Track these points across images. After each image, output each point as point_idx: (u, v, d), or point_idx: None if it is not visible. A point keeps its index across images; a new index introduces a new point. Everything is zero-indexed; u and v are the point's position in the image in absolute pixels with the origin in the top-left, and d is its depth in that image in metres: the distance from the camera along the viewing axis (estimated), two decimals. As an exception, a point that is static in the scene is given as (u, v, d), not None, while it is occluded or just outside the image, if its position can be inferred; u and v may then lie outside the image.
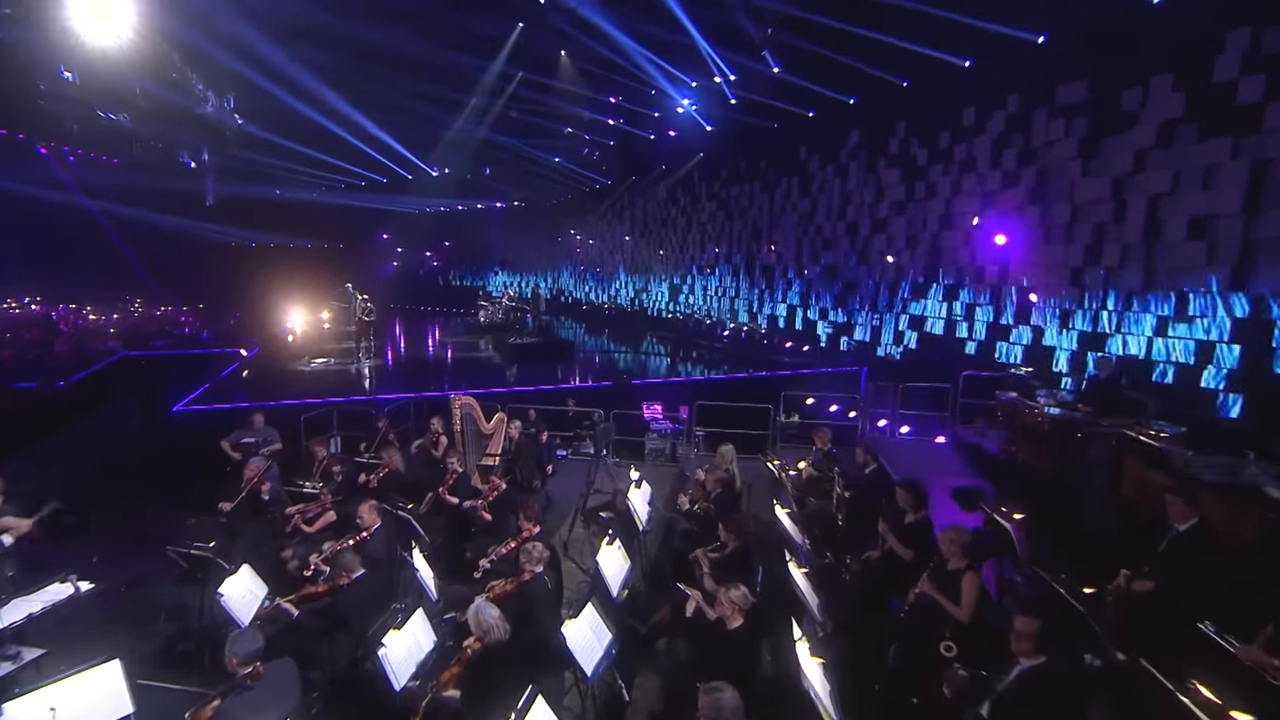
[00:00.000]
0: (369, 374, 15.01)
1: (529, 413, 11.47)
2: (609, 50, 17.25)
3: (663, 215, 24.71)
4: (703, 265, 22.50)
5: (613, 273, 28.84)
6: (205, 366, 14.23)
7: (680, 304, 24.00)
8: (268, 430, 7.87)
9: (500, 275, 37.59)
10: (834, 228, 16.64)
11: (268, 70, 17.68)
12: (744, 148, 19.59)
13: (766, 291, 19.47)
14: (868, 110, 14.98)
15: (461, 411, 7.50)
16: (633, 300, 27.38)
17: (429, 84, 18.85)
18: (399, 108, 19.47)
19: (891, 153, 14.64)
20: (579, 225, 31.58)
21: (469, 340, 22.05)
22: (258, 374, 14.85)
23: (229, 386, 12.73)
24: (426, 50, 17.61)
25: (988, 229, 12.33)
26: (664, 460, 11.24)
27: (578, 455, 11.01)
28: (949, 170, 13.18)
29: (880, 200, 15.06)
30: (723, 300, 21.55)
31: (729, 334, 19.70)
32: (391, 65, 17.71)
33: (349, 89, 18.27)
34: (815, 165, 17.08)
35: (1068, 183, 10.59)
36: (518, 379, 15.67)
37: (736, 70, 16.88)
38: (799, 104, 16.50)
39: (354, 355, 16.17)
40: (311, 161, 24.69)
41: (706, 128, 19.53)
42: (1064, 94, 10.69)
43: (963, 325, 13.10)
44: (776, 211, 18.90)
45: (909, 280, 14.38)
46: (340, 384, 13.59)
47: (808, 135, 17.11)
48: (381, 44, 16.79)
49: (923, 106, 13.65)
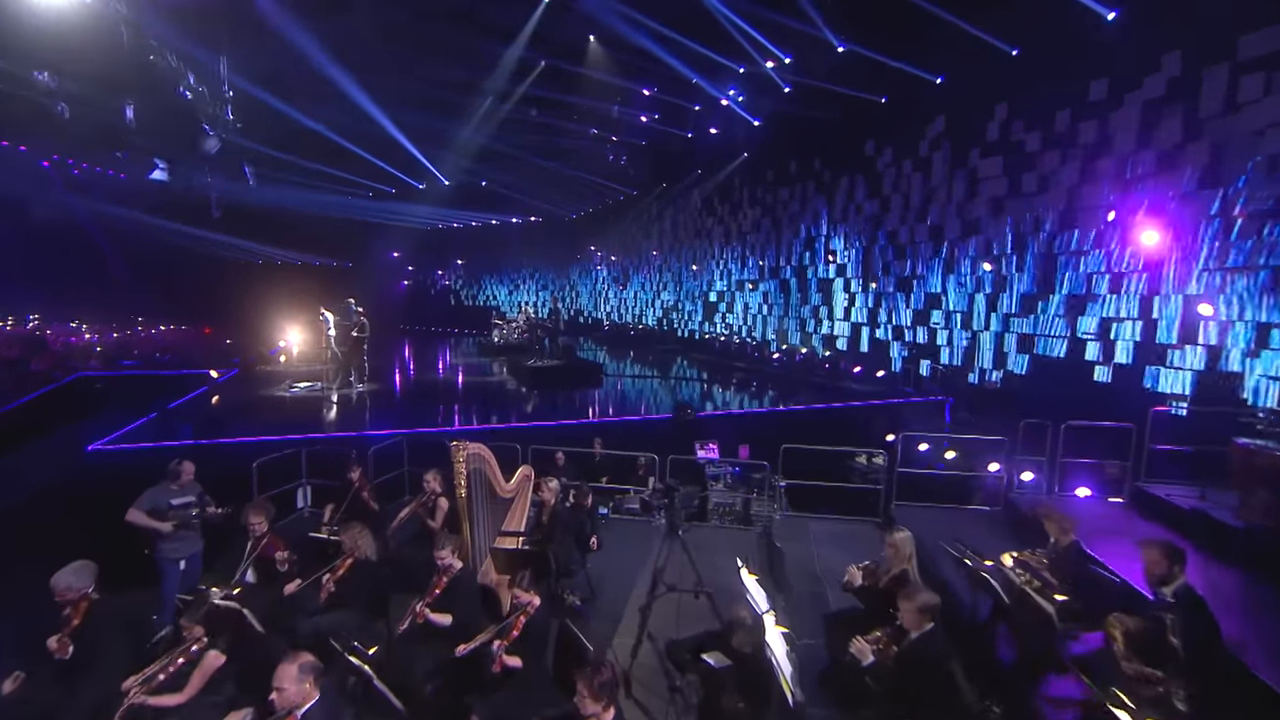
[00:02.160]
0: (358, 402, 12.58)
1: (556, 456, 9.02)
2: (644, 34, 15.12)
3: (697, 226, 22.38)
4: (744, 280, 20.06)
5: (639, 290, 26.50)
6: (166, 391, 11.96)
7: (717, 323, 21.52)
8: (192, 486, 5.41)
9: (518, 293, 35.40)
10: (911, 231, 14.16)
11: (264, 64, 15.77)
12: (796, 145, 17.25)
13: (824, 308, 16.96)
14: (957, 92, 12.60)
15: (468, 465, 4.96)
16: (661, 320, 24.96)
17: (438, 75, 16.75)
18: (406, 99, 17.38)
19: (989, 140, 12.20)
20: (601, 240, 29.37)
21: (480, 363, 19.66)
22: (230, 400, 12.51)
23: (181, 417, 10.36)
24: (435, 35, 15.57)
25: (1127, 224, 9.80)
26: (731, 519, 8.67)
27: (623, 514, 8.49)
28: (1071, 156, 10.70)
29: (973, 197, 12.59)
30: (768, 319, 19.05)
31: (780, 357, 17.12)
32: (395, 54, 15.65)
33: (352, 80, 16.21)
34: (886, 160, 14.67)
35: (1265, 157, 8.06)
36: (537, 410, 13.21)
37: (793, 52, 14.64)
38: (868, 88, 14.16)
39: (341, 379, 13.75)
40: (314, 171, 22.72)
41: (753, 123, 17.24)
42: (1250, 44, 8.22)
43: (1093, 345, 10.48)
44: (836, 217, 16.48)
45: (1015, 291, 11.82)
46: (321, 415, 11.18)
47: (877, 126, 14.75)
48: (383, 29, 14.78)
49: (1034, 81, 11.21)
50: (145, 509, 5.09)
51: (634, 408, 13.25)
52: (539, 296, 33.29)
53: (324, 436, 8.79)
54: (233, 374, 14.79)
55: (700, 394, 15.97)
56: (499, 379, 16.24)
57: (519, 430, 9.87)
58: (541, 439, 8.96)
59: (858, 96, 14.40)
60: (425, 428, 9.30)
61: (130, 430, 8.96)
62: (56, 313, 31.57)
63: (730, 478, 10.00)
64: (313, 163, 19.91)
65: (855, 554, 6.87)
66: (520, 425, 10.19)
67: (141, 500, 5.10)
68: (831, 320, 16.67)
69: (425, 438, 8.86)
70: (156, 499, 5.13)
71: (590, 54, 16.17)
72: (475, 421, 10.80)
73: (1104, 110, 10.16)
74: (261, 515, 4.75)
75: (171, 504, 5.20)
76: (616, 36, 15.21)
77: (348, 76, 15.83)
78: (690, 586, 5.21)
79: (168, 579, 5.12)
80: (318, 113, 17.45)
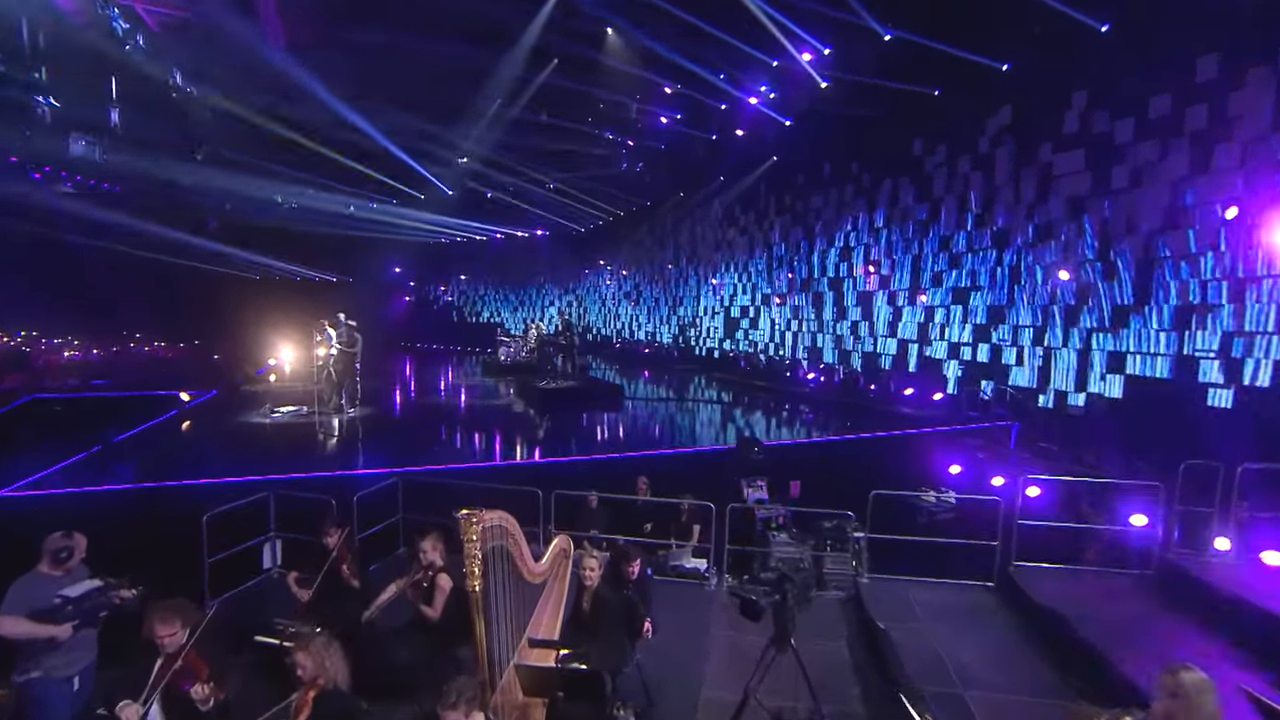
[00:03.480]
0: (348, 430, 10.98)
1: (589, 499, 7.46)
2: (667, 24, 13.82)
3: (717, 236, 20.98)
4: (772, 294, 18.58)
5: (652, 306, 25.04)
6: (131, 416, 10.38)
7: (740, 340, 20.00)
8: (81, 570, 3.77)
9: (523, 309, 33.98)
10: (968, 238, 12.70)
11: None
12: (832, 146, 15.87)
13: (864, 323, 15.44)
14: (1027, 79, 11.20)
15: (485, 543, 3.34)
16: (676, 337, 23.47)
17: (439, 69, 15.38)
18: (403, 99, 16.05)
19: (1066, 133, 10.76)
20: (611, 253, 28.01)
21: (486, 384, 18.11)
22: (199, 428, 10.94)
23: (130, 451, 8.76)
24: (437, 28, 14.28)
25: (1253, 222, 8.32)
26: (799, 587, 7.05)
27: (668, 573, 6.90)
28: (1174, 146, 9.25)
29: (1046, 197, 11.13)
30: (799, 335, 17.53)
31: (817, 377, 15.54)
32: (391, 51, 14.28)
33: (343, 77, 14.86)
34: (940, 159, 13.25)
35: None
36: (551, 438, 11.61)
37: (833, 43, 13.30)
38: (918, 80, 12.78)
39: (334, 401, 12.16)
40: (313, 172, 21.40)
41: (784, 123, 15.88)
42: None
43: (1210, 366, 8.93)
44: (878, 224, 15.04)
45: (1104, 302, 10.30)
46: (303, 447, 9.62)
47: (927, 122, 13.35)
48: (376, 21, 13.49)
49: (1121, 63, 9.80)
50: (25, 611, 3.47)
51: (670, 438, 11.66)
52: (545, 313, 31.87)
53: (302, 477, 7.23)
54: (210, 396, 13.23)
55: (736, 419, 14.41)
56: (507, 402, 14.66)
57: (535, 469, 8.29)
58: (564, 479, 7.40)
59: (906, 90, 13.00)
60: (425, 465, 7.74)
61: (56, 470, 7.37)
62: (50, 328, 30.46)
63: (783, 520, 8.43)
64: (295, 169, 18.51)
65: (985, 641, 5.29)
66: (538, 462, 8.60)
67: (10, 600, 3.47)
68: (874, 337, 15.14)
69: (423, 479, 7.28)
70: (36, 593, 3.52)
71: (608, 46, 14.85)
72: (484, 456, 9.24)
73: (1218, 91, 8.73)
74: (173, 624, 3.15)
75: (66, 596, 3.58)
76: (637, 27, 13.92)
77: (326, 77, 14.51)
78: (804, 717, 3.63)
79: (52, 709, 3.51)
80: (294, 112, 16.11)
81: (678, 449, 9.96)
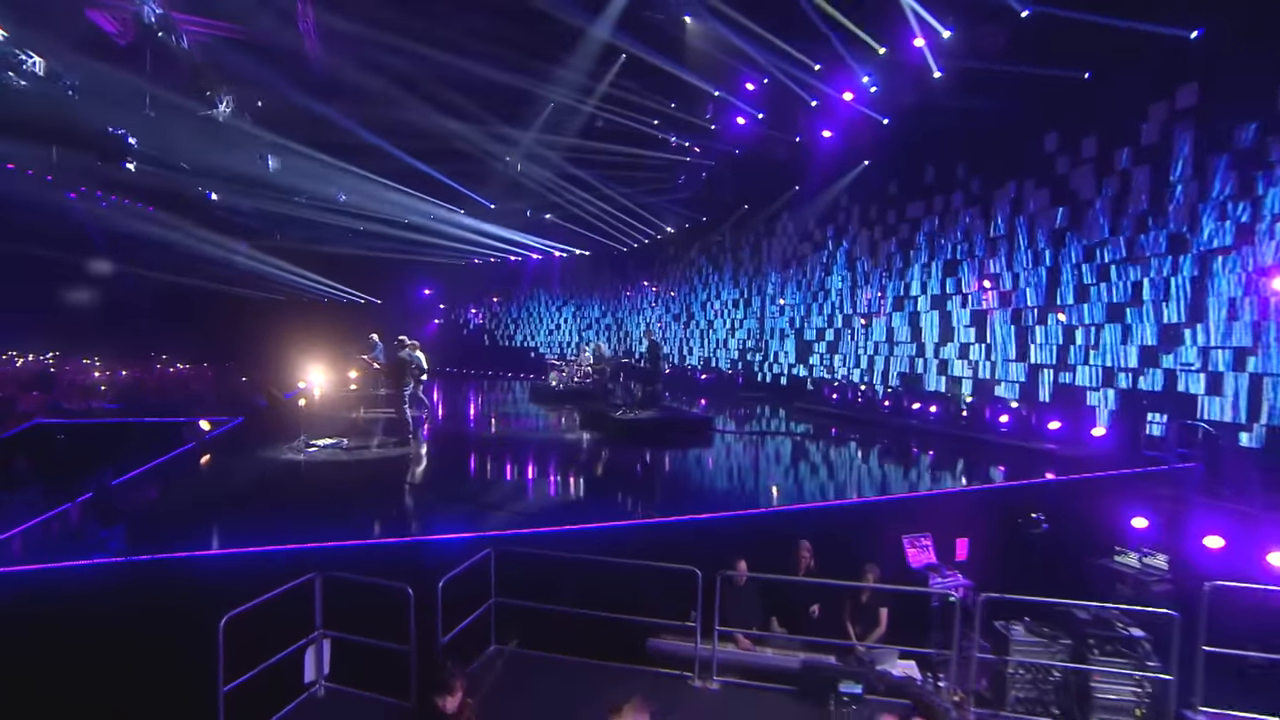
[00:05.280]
0: (401, 473, 8.96)
1: (737, 571, 5.48)
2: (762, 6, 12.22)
3: (788, 252, 19.12)
4: (857, 314, 16.59)
5: (705, 329, 23.14)
6: (132, 447, 8.54)
7: (815, 366, 17.97)
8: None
9: (558, 333, 32.28)
10: (1124, 246, 10.66)
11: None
12: (935, 147, 14.01)
13: (977, 345, 13.37)
14: (1222, 48, 9.25)
15: None
16: (735, 362, 21.48)
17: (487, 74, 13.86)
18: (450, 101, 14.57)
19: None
20: (658, 272, 26.28)
21: (539, 413, 16.15)
22: (218, 466, 9.02)
23: (127, 499, 6.85)
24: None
25: None
26: (1042, 710, 4.91)
27: (875, 690, 4.82)
28: None
29: (1248, 191, 9.09)
30: (892, 360, 15.46)
31: (938, 411, 13.31)
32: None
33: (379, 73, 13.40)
34: (1086, 153, 11.27)
35: None
36: (642, 482, 9.56)
37: (956, 23, 11.55)
38: (1062, 61, 10.91)
39: (371, 434, 10.20)
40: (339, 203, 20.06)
41: (881, 121, 14.08)
42: None
43: None
44: (995, 232, 13.07)
45: (1346, 318, 8.17)
46: (345, 496, 7.58)
47: (1069, 111, 11.42)
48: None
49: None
50: None
51: (794, 482, 9.53)
52: (580, 335, 30.10)
53: (358, 545, 5.27)
54: (235, 424, 11.45)
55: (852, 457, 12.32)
56: (577, 436, 12.60)
57: (649, 530, 6.26)
58: (672, 541, 5.42)
59: (1042, 76, 11.13)
60: (514, 528, 5.70)
61: (17, 533, 5.50)
62: (78, 347, 29.57)
63: (969, 596, 6.38)
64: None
65: None
66: (651, 521, 6.51)
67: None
68: (991, 362, 13.05)
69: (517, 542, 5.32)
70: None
71: (687, 35, 13.23)
72: (578, 508, 7.21)
73: None
74: None
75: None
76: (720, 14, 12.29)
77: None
78: None
79: None
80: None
81: (826, 501, 7.85)
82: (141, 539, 5.20)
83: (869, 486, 9.83)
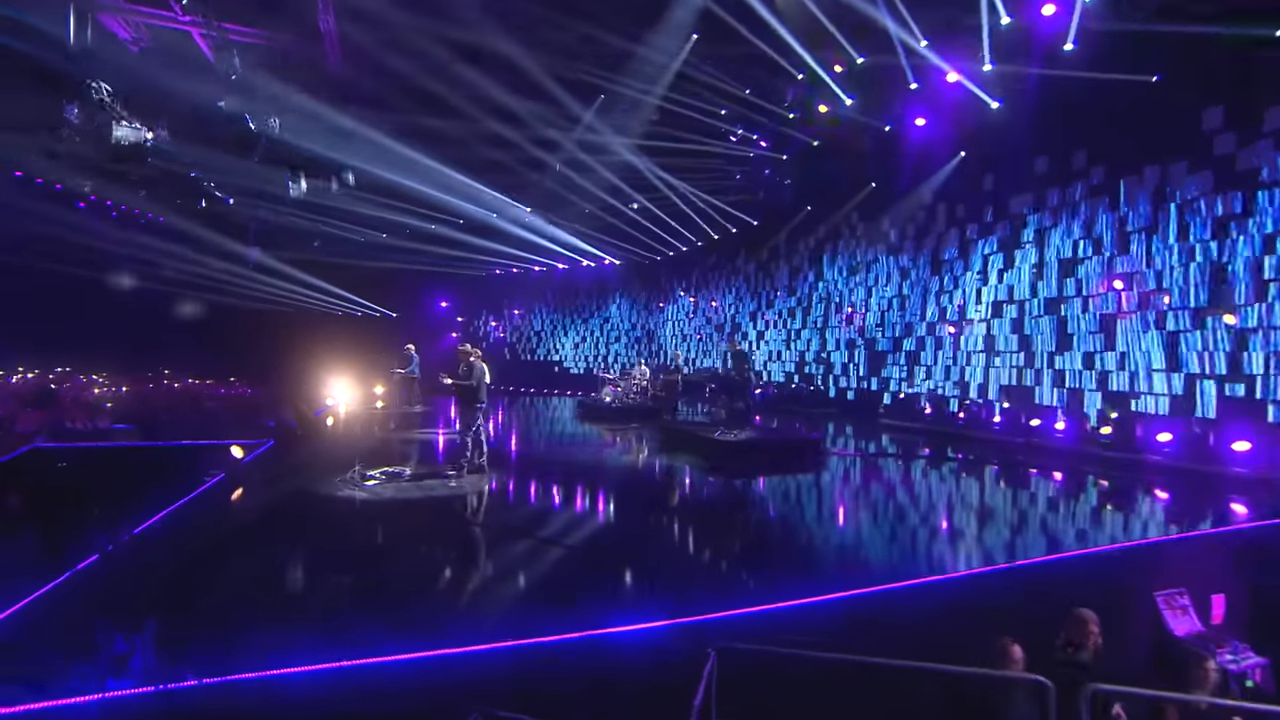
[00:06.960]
0: (478, 508, 7.11)
1: (1010, 650, 3.74)
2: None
3: (855, 254, 17.58)
4: (950, 322, 14.99)
5: (755, 340, 21.51)
6: (150, 480, 6.72)
7: (893, 379, 16.32)
8: None
9: (584, 346, 30.63)
10: (1326, 233, 9.10)
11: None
12: (1061, 129, 12.45)
13: (1107, 354, 11.75)
14: None
15: None
16: (789, 375, 19.83)
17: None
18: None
19: None
20: (699, 280, 24.72)
21: (596, 433, 14.37)
22: (254, 505, 7.15)
23: (142, 559, 5.00)
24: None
25: None
26: None
27: None
28: None
29: None
30: (995, 371, 13.82)
31: (1064, 428, 11.64)
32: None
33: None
34: (1265, 129, 9.74)
35: None
36: (813, 527, 7.65)
37: (1098, -15, 10.09)
38: (1231, 20, 9.40)
39: (473, 454, 8.32)
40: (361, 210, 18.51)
41: (991, 105, 12.58)
42: None
43: None
44: (1131, 225, 11.53)
45: None
46: (438, 557, 5.80)
47: (1239, 81, 9.91)
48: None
49: None
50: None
51: (992, 527, 7.56)
52: (610, 349, 28.47)
53: (504, 648, 3.41)
54: (266, 448, 9.69)
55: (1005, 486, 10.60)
56: (670, 461, 10.65)
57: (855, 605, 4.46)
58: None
59: (1204, 39, 9.64)
60: (727, 609, 3.87)
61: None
62: (87, 363, 27.91)
63: (1260, 676, 4.67)
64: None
65: None
66: (861, 593, 4.66)
67: None
68: (1128, 372, 11.42)
69: (743, 634, 3.60)
70: None
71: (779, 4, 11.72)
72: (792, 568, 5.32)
73: None
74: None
75: None
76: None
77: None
78: None
79: None
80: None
81: (1046, 556, 6.01)
82: (163, 653, 3.20)
83: (1076, 529, 7.91)
